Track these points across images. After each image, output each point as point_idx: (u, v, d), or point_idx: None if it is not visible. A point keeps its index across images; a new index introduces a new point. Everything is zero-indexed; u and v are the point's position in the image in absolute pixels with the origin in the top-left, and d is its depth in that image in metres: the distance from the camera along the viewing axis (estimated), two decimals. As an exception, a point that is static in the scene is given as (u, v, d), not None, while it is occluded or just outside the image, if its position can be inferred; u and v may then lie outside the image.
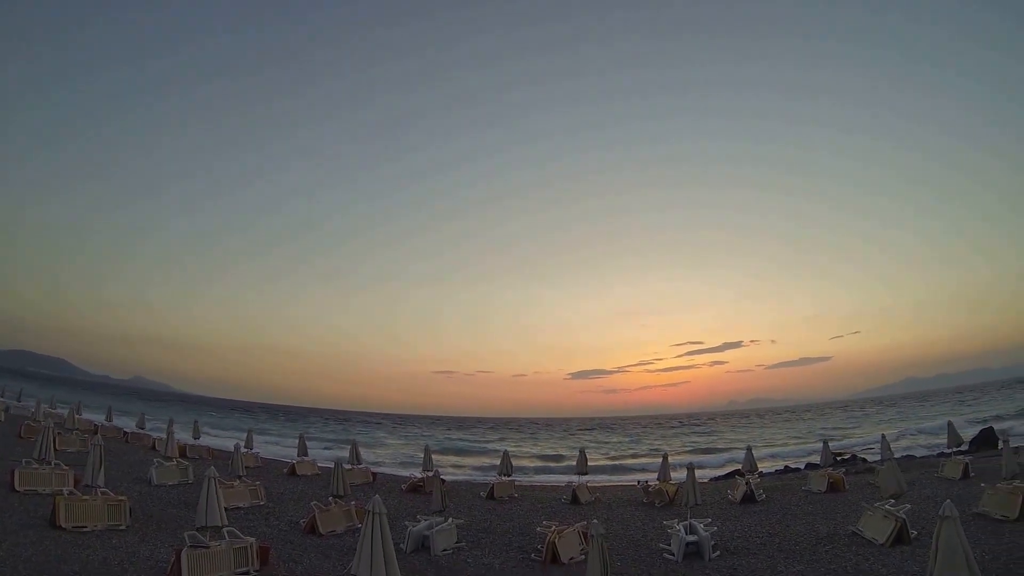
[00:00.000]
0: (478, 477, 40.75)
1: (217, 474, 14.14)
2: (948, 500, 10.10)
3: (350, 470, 28.91)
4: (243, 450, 28.86)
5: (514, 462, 31.68)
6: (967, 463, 26.84)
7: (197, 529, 13.54)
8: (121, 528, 16.30)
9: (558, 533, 17.06)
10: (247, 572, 13.64)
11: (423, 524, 18.25)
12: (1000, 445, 24.94)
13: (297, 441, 36.28)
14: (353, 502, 20.34)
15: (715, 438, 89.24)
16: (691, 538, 16.88)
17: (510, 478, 29.41)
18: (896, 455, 33.39)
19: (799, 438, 74.88)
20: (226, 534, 14.04)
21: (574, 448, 47.33)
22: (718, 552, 16.81)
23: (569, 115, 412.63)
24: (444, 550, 17.34)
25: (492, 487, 27.97)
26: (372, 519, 10.95)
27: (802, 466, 40.87)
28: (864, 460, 39.79)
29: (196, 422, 42.02)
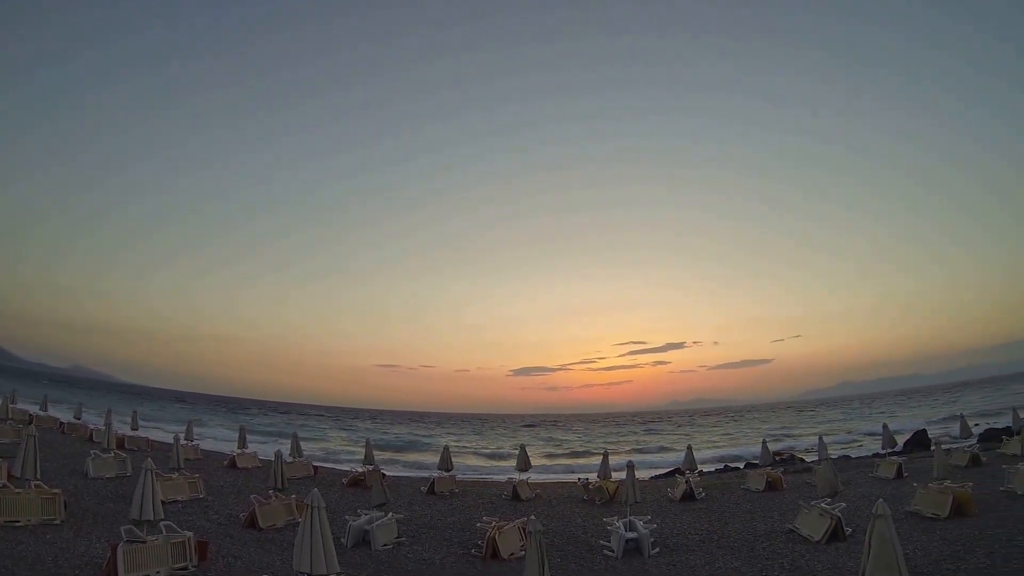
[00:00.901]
0: (419, 472, 40.64)
1: (154, 466, 13.81)
2: (881, 499, 10.51)
3: (291, 463, 28.63)
4: (183, 442, 28.23)
5: (455, 457, 31.67)
6: (901, 464, 27.95)
7: (133, 523, 13.19)
8: (55, 522, 15.92)
9: (498, 529, 17.18)
10: (185, 567, 13.41)
11: (364, 519, 18.21)
12: (932, 447, 26.01)
13: (238, 433, 35.64)
14: (293, 496, 20.13)
15: (656, 437, 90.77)
16: (631, 535, 17.21)
17: (451, 473, 29.40)
18: (833, 456, 34.55)
19: (739, 438, 76.77)
20: (163, 528, 13.76)
21: (516, 444, 47.60)
22: (657, 549, 17.16)
23: (515, 111, 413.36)
24: (385, 545, 17.35)
25: (433, 482, 27.93)
26: (311, 513, 10.87)
27: (741, 465, 42.00)
28: (802, 460, 41.03)
29: (135, 412, 40.86)
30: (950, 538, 15.63)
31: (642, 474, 38.61)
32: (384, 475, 29.14)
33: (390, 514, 18.91)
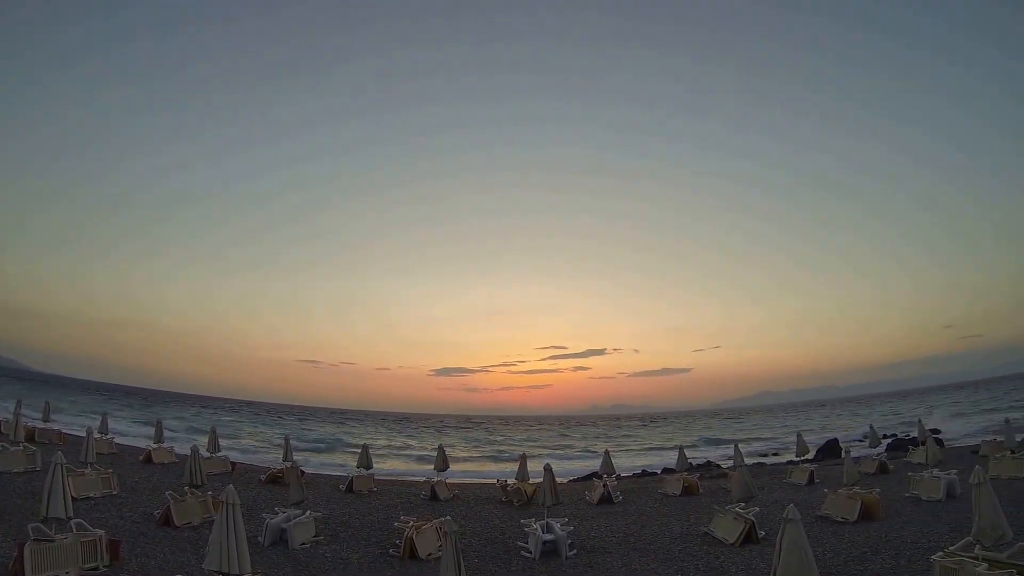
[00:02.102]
0: (338, 470, 40.21)
1: (65, 461, 13.33)
2: (792, 504, 11.02)
3: (208, 459, 28.15)
4: (96, 435, 27.08)
5: (374, 456, 31.54)
6: (812, 470, 29.38)
7: (42, 521, 12.67)
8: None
9: (416, 529, 17.25)
10: (96, 567, 13.01)
11: (281, 517, 18.02)
12: (843, 455, 27.32)
13: (155, 426, 34.45)
14: (210, 493, 19.70)
15: (575, 441, 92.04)
16: (548, 536, 17.49)
17: (370, 471, 29.28)
18: (748, 463, 35.83)
19: (657, 444, 78.53)
20: (73, 527, 13.35)
21: (435, 444, 47.60)
22: (575, 550, 17.51)
23: (440, 113, 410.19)
24: (302, 544, 17.22)
25: (351, 480, 27.80)
26: (226, 510, 10.72)
27: (658, 470, 43.11)
28: (718, 466, 42.41)
29: (47, 404, 38.85)
30: (858, 541, 16.57)
31: (560, 477, 39.30)
32: (303, 472, 28.75)
33: (308, 512, 18.77)
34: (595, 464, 36.60)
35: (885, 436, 52.02)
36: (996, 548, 11.39)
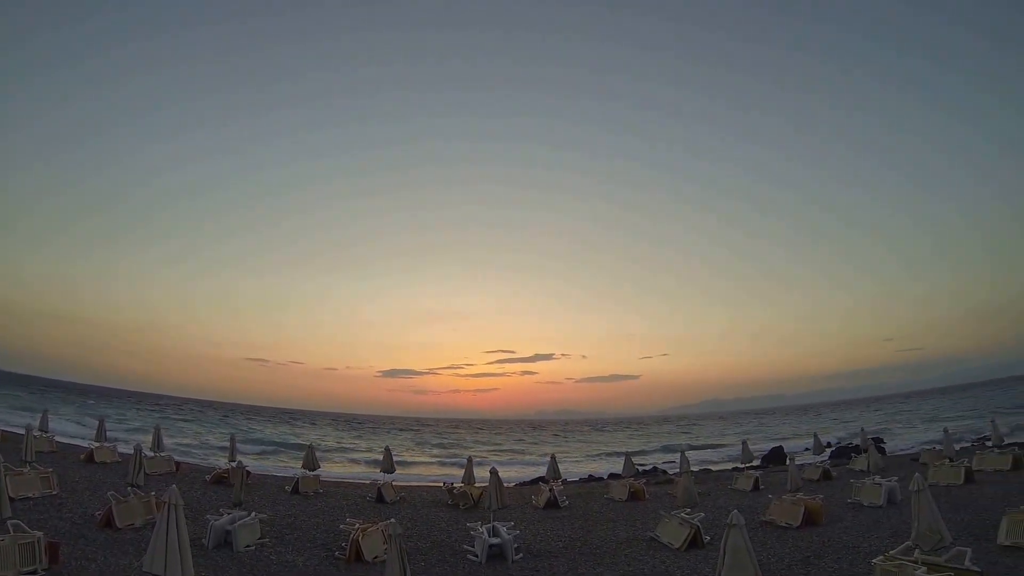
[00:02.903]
0: (284, 471, 39.71)
1: (2, 459, 12.88)
2: (735, 510, 11.30)
3: (152, 458, 27.62)
4: (36, 433, 26.27)
5: (320, 457, 31.30)
6: (757, 477, 30.00)
7: None
8: None
9: (362, 531, 17.15)
10: (34, 570, 12.59)
11: (226, 518, 17.74)
12: (787, 462, 28.00)
13: (97, 424, 33.45)
14: (153, 493, 19.27)
15: (522, 445, 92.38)
16: (494, 540, 17.54)
17: (316, 473, 29.11)
18: (693, 469, 36.45)
19: (603, 450, 79.23)
20: (11, 528, 12.91)
21: (381, 445, 47.39)
22: (521, 554, 17.60)
23: (388, 107, 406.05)
24: (247, 546, 17.00)
25: (297, 481, 27.63)
26: (169, 511, 10.52)
27: (605, 475, 43.56)
28: (664, 472, 43.00)
29: None
30: (801, 545, 17.03)
31: (507, 481, 39.39)
32: (248, 473, 28.34)
33: (253, 514, 18.56)
34: (541, 469, 36.88)
35: (828, 444, 53.38)
36: (935, 552, 11.82)
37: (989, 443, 35.00)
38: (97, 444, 31.05)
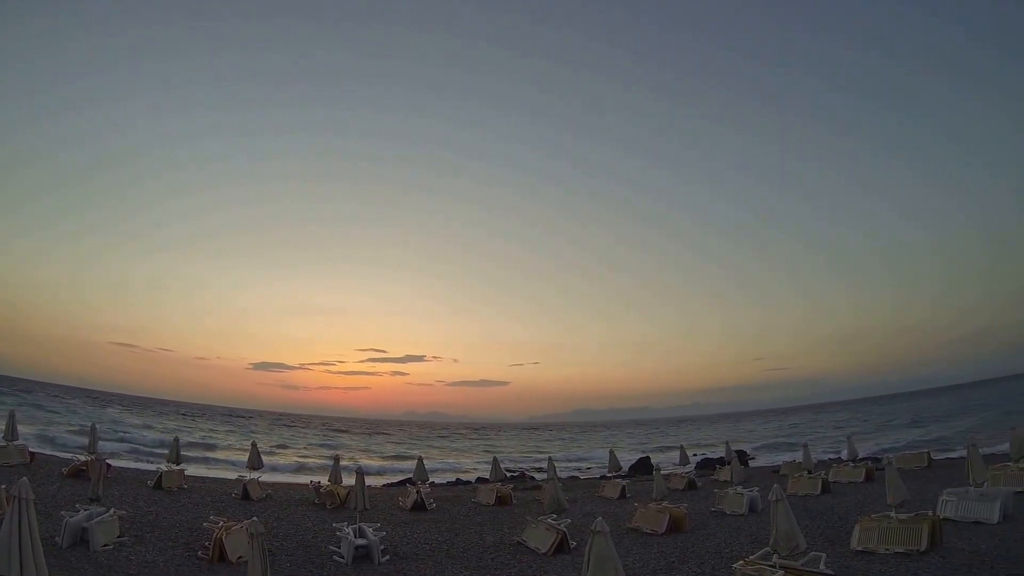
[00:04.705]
0: (147, 464, 38.00)
1: None
2: (600, 517, 11.83)
3: (4, 447, 26.52)
4: None
5: (186, 450, 30.28)
6: (624, 485, 31.39)
7: None
8: None
9: (226, 530, 16.77)
10: None
11: (82, 515, 16.95)
12: (654, 471, 29.26)
13: None
14: (3, 486, 18.03)
15: (390, 446, 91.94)
16: (360, 542, 17.59)
17: (180, 467, 28.22)
18: (562, 476, 37.54)
19: (472, 454, 80.00)
20: None
21: (249, 440, 46.05)
22: (388, 556, 17.73)
23: (263, 93, 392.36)
24: (104, 545, 16.28)
25: (160, 476, 26.69)
26: (18, 506, 10.03)
27: (473, 479, 44.13)
28: (532, 478, 44.05)
29: None
30: (666, 551, 17.97)
31: (374, 482, 39.36)
32: (109, 466, 27.01)
33: (112, 510, 17.84)
34: (409, 470, 36.98)
35: (695, 455, 56.00)
36: (792, 557, 12.80)
37: (845, 458, 37.99)
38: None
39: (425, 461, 31.58)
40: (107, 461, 28.34)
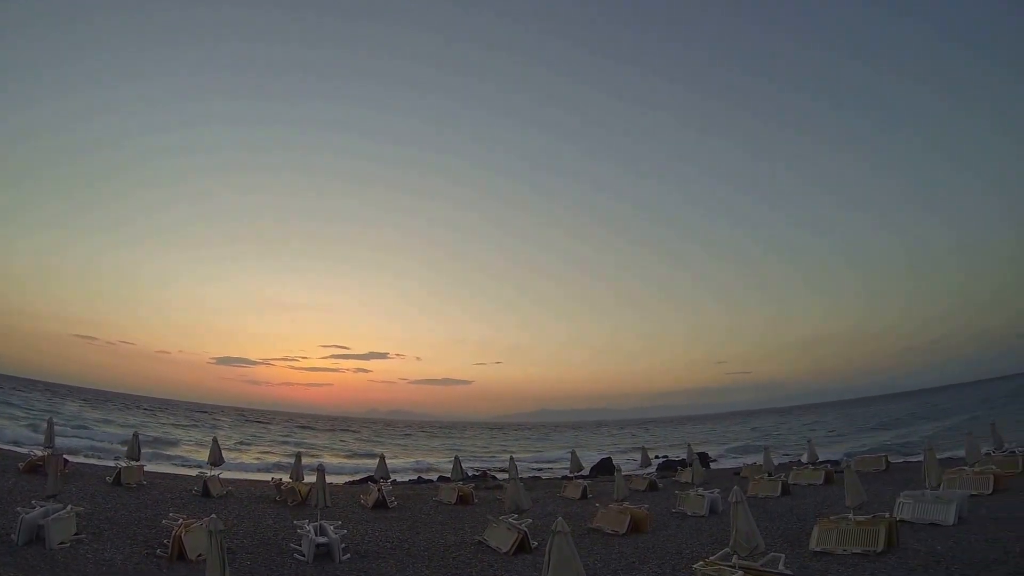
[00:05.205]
0: (105, 460, 37.43)
1: None
2: (560, 517, 11.97)
3: None
4: None
5: (147, 446, 29.92)
6: (586, 486, 31.68)
7: None
8: None
9: (185, 527, 16.62)
10: None
11: (38, 511, 16.71)
12: (615, 472, 29.51)
13: None
14: None
15: (353, 444, 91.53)
16: (321, 539, 17.55)
17: (139, 463, 27.99)
18: (524, 476, 37.69)
19: (434, 452, 79.91)
20: None
21: (210, 436, 45.59)
22: (349, 555, 17.71)
23: (232, 86, 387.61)
24: (61, 543, 16.03)
25: (119, 472, 26.42)
26: None
27: (434, 478, 44.20)
28: (494, 477, 44.12)
29: None
30: (627, 551, 18.18)
31: (336, 479, 39.20)
32: (66, 461, 26.61)
33: (69, 507, 17.56)
34: (371, 467, 36.91)
35: (657, 456, 56.54)
36: (751, 557, 13.04)
37: (804, 460, 38.70)
38: None
39: (387, 459, 31.58)
40: (64, 456, 28.00)
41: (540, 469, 57.18)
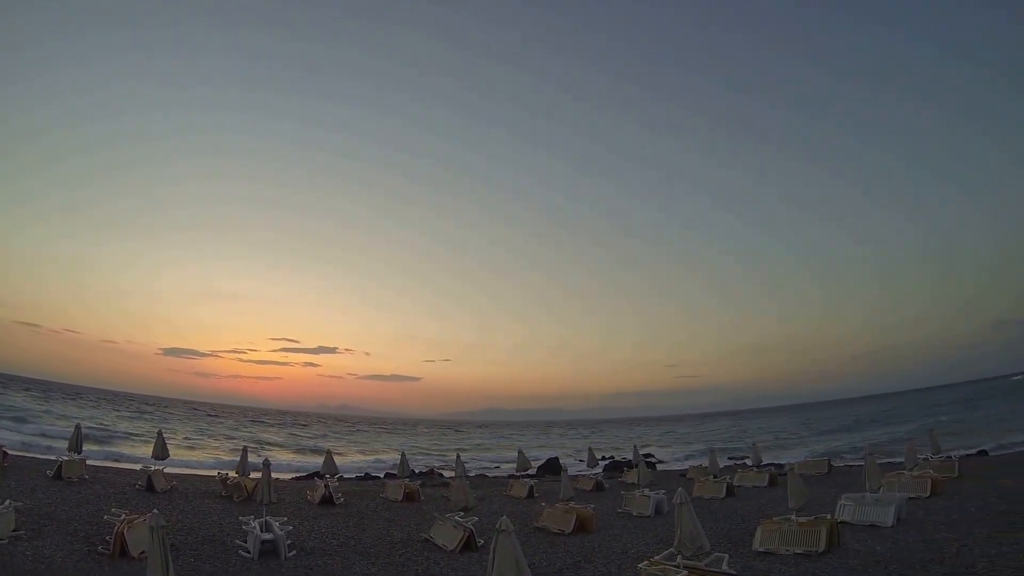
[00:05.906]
0: (46, 453, 36.61)
1: None
2: (504, 516, 12.20)
3: None
4: None
5: (90, 438, 29.41)
6: (532, 485, 32.05)
7: None
8: None
9: (128, 523, 16.43)
10: None
11: None
12: (562, 472, 29.96)
13: None
14: None
15: (301, 438, 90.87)
16: (267, 536, 17.52)
17: (81, 456, 27.51)
18: (470, 474, 37.93)
19: (382, 449, 79.70)
20: None
21: (156, 429, 44.84)
22: (294, 552, 17.73)
23: (181, 69, 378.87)
24: (0, 540, 15.72)
25: (60, 465, 25.98)
26: None
27: (381, 475, 44.20)
28: (440, 475, 44.38)
29: None
30: (572, 550, 18.58)
31: (283, 475, 39.02)
32: (6, 454, 26.04)
33: (8, 502, 17.24)
34: (318, 463, 36.79)
35: (604, 458, 57.21)
36: (695, 557, 13.47)
37: (749, 463, 39.67)
38: None
39: (335, 455, 31.55)
40: (3, 449, 27.41)
41: (487, 468, 57.51)
